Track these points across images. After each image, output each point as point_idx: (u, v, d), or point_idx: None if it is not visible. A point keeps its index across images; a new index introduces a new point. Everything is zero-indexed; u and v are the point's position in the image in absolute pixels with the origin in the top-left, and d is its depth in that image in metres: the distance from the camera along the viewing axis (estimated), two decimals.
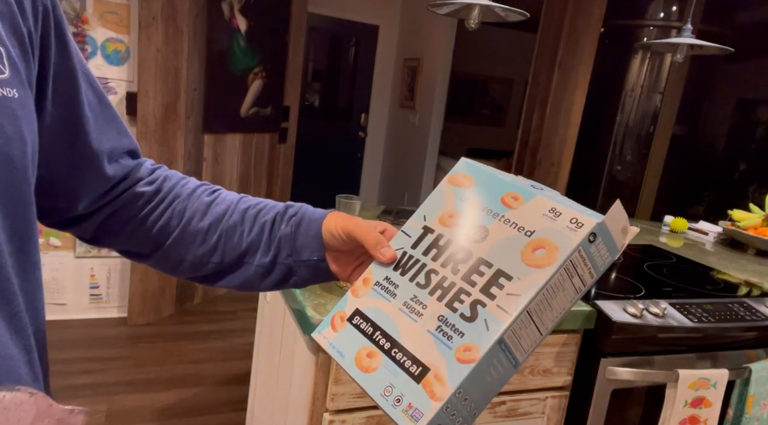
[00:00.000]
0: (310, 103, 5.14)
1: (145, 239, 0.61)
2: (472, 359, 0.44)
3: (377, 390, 0.48)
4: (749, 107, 3.23)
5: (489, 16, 1.57)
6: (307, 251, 0.59)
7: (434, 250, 0.52)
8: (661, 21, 3.45)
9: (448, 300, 0.48)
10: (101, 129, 0.57)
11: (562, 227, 0.48)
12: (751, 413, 1.28)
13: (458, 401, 0.44)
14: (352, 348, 0.51)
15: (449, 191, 0.56)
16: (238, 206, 0.62)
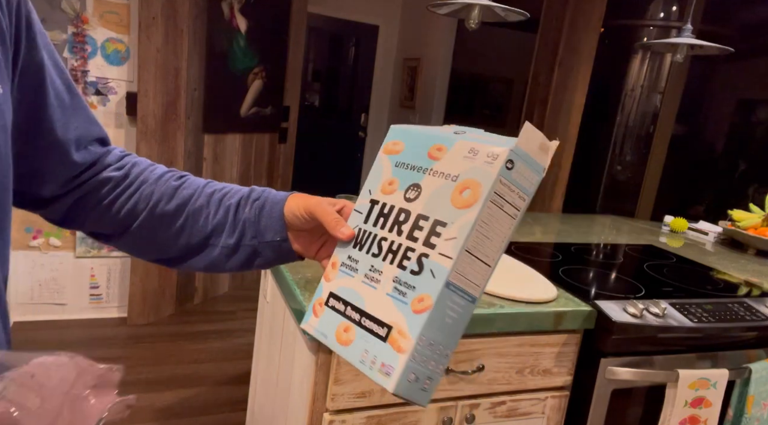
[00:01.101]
0: (310, 103, 5.14)
1: (113, 222, 0.63)
2: (426, 307, 0.48)
3: (356, 358, 0.52)
4: (749, 106, 3.23)
5: (489, 16, 1.57)
6: (270, 232, 0.62)
7: (381, 219, 0.55)
8: (661, 21, 3.45)
9: (398, 261, 0.52)
10: (68, 118, 0.58)
11: (481, 164, 0.50)
12: (751, 413, 1.28)
13: (423, 348, 0.49)
14: (332, 328, 0.55)
15: (385, 161, 0.58)
16: (205, 190, 0.64)
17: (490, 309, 1.10)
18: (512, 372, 1.16)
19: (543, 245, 1.69)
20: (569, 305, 1.18)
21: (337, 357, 1.00)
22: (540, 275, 1.31)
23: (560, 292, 1.25)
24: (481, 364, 1.13)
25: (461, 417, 1.14)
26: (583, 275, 1.43)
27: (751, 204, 2.01)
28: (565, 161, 3.24)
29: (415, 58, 4.72)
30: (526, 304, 1.15)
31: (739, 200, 3.03)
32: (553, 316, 1.15)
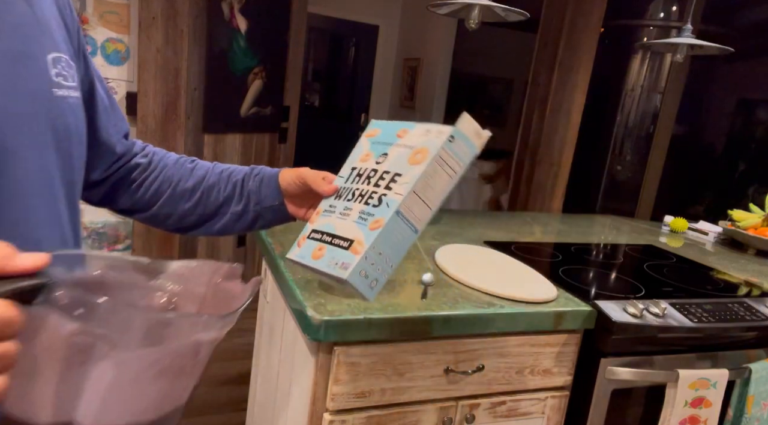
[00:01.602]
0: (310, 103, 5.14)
1: (142, 200, 0.79)
2: (379, 226, 0.66)
3: (324, 264, 0.68)
4: (749, 106, 3.23)
5: (489, 16, 1.57)
6: (269, 198, 0.79)
7: (357, 177, 0.74)
8: (661, 21, 3.45)
9: (365, 200, 0.70)
10: (111, 120, 0.74)
11: (431, 137, 0.69)
12: (751, 413, 1.28)
13: (374, 254, 0.66)
14: (310, 250, 0.71)
15: (364, 142, 0.78)
16: (214, 170, 0.82)
17: (490, 309, 1.10)
18: (512, 372, 1.16)
19: (543, 245, 1.69)
20: (569, 305, 1.18)
21: (337, 356, 1.00)
22: (540, 275, 1.31)
23: (560, 292, 1.25)
24: (481, 364, 1.13)
25: (461, 417, 1.14)
26: (583, 275, 1.43)
27: (751, 204, 2.01)
28: (565, 161, 3.24)
29: (415, 58, 4.72)
30: (526, 304, 1.15)
31: (739, 200, 3.03)
32: (553, 316, 1.15)
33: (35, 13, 0.56)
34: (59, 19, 0.61)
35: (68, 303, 0.36)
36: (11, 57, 0.53)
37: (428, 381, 1.09)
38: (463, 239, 1.59)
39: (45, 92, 0.55)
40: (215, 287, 0.48)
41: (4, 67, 0.52)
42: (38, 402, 0.38)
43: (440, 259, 1.34)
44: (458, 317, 1.07)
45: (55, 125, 0.56)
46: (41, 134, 0.55)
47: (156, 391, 0.40)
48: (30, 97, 0.54)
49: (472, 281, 1.21)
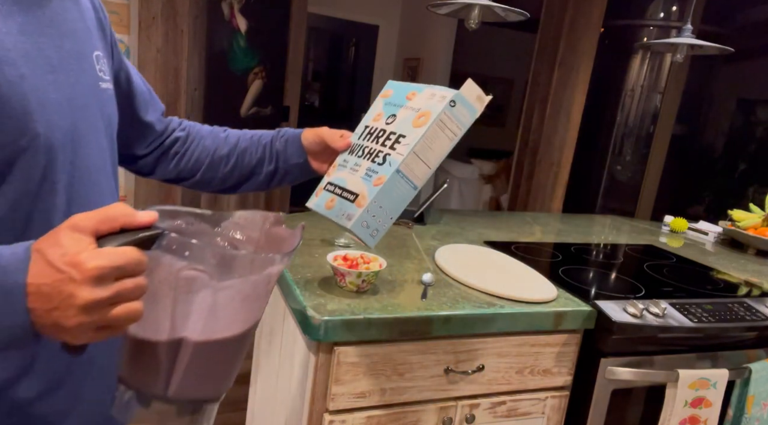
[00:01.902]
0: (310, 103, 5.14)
1: (186, 169, 0.92)
2: (381, 182, 0.74)
3: (333, 214, 0.78)
4: (749, 106, 3.23)
5: (489, 16, 1.57)
6: (295, 156, 0.91)
7: (368, 135, 0.83)
8: (661, 21, 3.45)
9: (372, 158, 0.79)
10: (147, 102, 0.87)
11: (434, 101, 0.76)
12: (751, 413, 1.28)
13: (375, 207, 0.75)
14: (324, 201, 0.82)
15: (379, 102, 0.87)
16: (245, 136, 0.94)
17: (490, 309, 1.10)
18: (512, 372, 1.16)
19: (543, 245, 1.69)
20: (569, 305, 1.18)
21: (337, 356, 1.00)
22: (540, 275, 1.31)
23: (560, 292, 1.25)
24: (481, 364, 1.13)
25: (461, 417, 1.14)
26: (583, 275, 1.43)
27: (751, 204, 2.01)
28: (565, 161, 3.24)
29: (415, 58, 4.72)
30: (526, 304, 1.15)
31: (739, 200, 3.03)
32: (553, 316, 1.15)
33: (83, 17, 0.66)
34: (95, 20, 0.70)
35: (176, 248, 0.47)
36: (74, 56, 0.62)
37: (428, 381, 1.09)
38: (463, 239, 1.59)
39: (95, 86, 0.66)
40: (267, 232, 0.58)
41: (72, 64, 0.62)
42: (159, 323, 0.49)
43: (440, 259, 1.34)
44: (458, 317, 1.07)
45: (103, 113, 0.67)
46: (97, 121, 0.66)
47: (242, 311, 0.52)
48: (87, 90, 0.64)
49: (472, 281, 1.21)
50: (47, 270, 0.44)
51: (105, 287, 0.44)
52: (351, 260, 1.11)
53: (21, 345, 0.46)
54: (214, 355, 0.52)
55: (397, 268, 1.27)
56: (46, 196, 0.57)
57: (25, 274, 0.44)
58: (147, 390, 0.51)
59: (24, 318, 0.44)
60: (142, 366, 0.51)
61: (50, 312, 0.44)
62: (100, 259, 0.44)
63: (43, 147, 0.55)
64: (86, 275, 0.43)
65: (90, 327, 0.45)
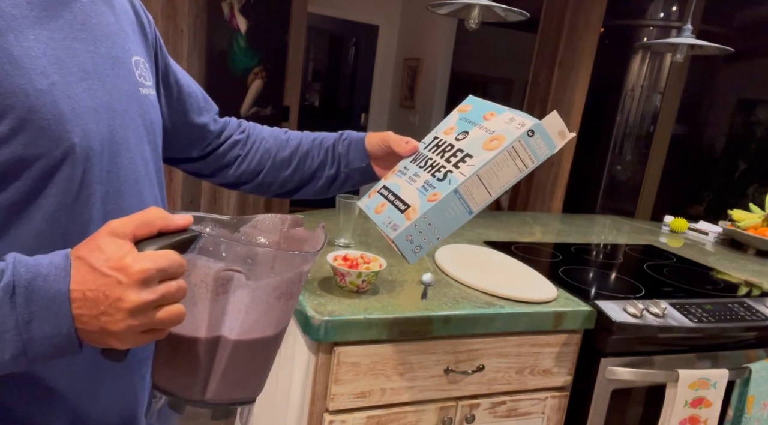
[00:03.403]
0: (310, 103, 5.14)
1: (247, 172, 0.89)
2: (435, 199, 0.72)
3: (381, 220, 0.76)
4: (749, 106, 3.23)
5: (489, 16, 1.57)
6: (357, 160, 0.88)
7: (435, 147, 0.80)
8: (661, 21, 3.45)
9: (433, 171, 0.76)
10: (199, 103, 0.84)
11: (512, 127, 0.72)
12: (751, 413, 1.28)
13: (424, 223, 0.72)
14: (374, 204, 0.80)
15: (454, 115, 0.84)
16: (307, 138, 0.91)
17: (490, 309, 1.10)
18: (512, 372, 1.16)
19: (543, 245, 1.69)
20: (569, 305, 1.18)
21: (337, 356, 1.00)
22: (540, 275, 1.31)
23: (560, 292, 1.25)
24: (481, 364, 1.13)
25: (461, 417, 1.14)
26: (583, 275, 1.43)
27: (751, 204, 2.01)
28: (565, 161, 3.24)
29: (415, 58, 4.72)
30: (526, 304, 1.15)
31: (739, 200, 3.03)
32: (553, 316, 1.15)
33: (119, 21, 0.64)
34: (135, 24, 0.69)
35: (212, 249, 0.49)
36: (110, 61, 0.60)
37: (428, 381, 1.09)
38: (463, 239, 1.59)
39: (134, 92, 0.64)
40: (285, 234, 0.59)
41: (107, 70, 0.59)
42: (198, 322, 0.50)
43: (440, 259, 1.34)
44: (458, 317, 1.07)
45: (144, 119, 0.65)
46: (137, 128, 0.64)
47: (277, 310, 0.52)
48: (126, 96, 0.62)
49: (472, 281, 1.21)
50: (92, 276, 0.44)
51: (151, 290, 0.44)
52: (351, 260, 1.11)
53: (65, 353, 0.46)
54: (251, 355, 0.53)
55: (397, 268, 1.27)
56: (83, 208, 0.56)
57: (67, 281, 0.44)
58: (184, 395, 0.51)
59: (69, 326, 0.44)
60: (180, 370, 0.51)
61: (97, 317, 0.44)
62: (145, 262, 0.44)
63: (79, 158, 0.54)
64: (133, 279, 0.43)
65: (137, 330, 0.45)
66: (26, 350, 0.44)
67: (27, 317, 0.43)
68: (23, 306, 0.43)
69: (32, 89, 0.50)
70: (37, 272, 0.44)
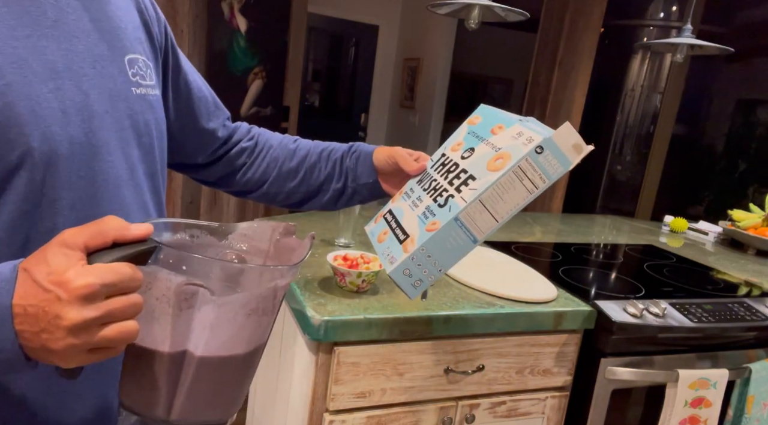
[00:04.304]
0: (310, 103, 5.14)
1: (252, 180, 0.86)
2: (434, 229, 0.65)
3: (381, 250, 0.72)
4: (749, 106, 3.23)
5: (489, 16, 1.58)
6: (365, 176, 0.84)
7: (441, 167, 0.74)
8: (661, 21, 3.45)
9: (435, 196, 0.70)
10: (208, 107, 0.81)
11: (518, 143, 0.63)
12: (752, 413, 1.28)
13: (422, 256, 0.66)
14: (378, 231, 0.77)
15: (464, 129, 0.79)
16: (315, 149, 0.87)
17: (490, 309, 1.10)
18: (512, 372, 1.16)
19: (543, 245, 1.69)
20: (569, 305, 1.18)
21: (337, 356, 1.00)
22: (540, 275, 1.31)
23: (560, 292, 1.25)
24: (481, 364, 1.13)
25: (461, 417, 1.14)
26: (583, 275, 1.43)
27: (751, 204, 2.01)
28: None
29: (415, 58, 4.72)
30: (526, 304, 1.15)
31: (739, 200, 3.03)
32: (553, 316, 1.15)
33: (110, 18, 0.61)
34: (138, 22, 0.66)
35: (173, 262, 0.45)
36: (90, 59, 0.57)
37: (428, 381, 1.09)
38: None
39: (123, 91, 0.60)
40: (276, 243, 0.56)
41: (85, 68, 0.56)
42: (159, 337, 0.47)
43: None
44: (458, 317, 1.07)
45: (134, 120, 0.62)
46: (123, 130, 0.60)
47: (248, 328, 0.49)
48: (109, 96, 0.58)
49: (472, 281, 1.21)
50: (33, 290, 0.41)
51: (94, 307, 0.41)
52: (351, 260, 1.11)
53: (17, 369, 0.44)
54: (219, 374, 0.50)
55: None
56: (46, 215, 0.52)
57: (10, 295, 0.41)
58: (149, 414, 0.49)
59: (13, 341, 0.42)
60: (145, 387, 0.48)
61: (38, 334, 0.41)
62: (88, 276, 0.41)
63: (39, 162, 0.51)
64: (73, 295, 0.40)
65: (81, 349, 0.42)
66: None
67: None
68: None
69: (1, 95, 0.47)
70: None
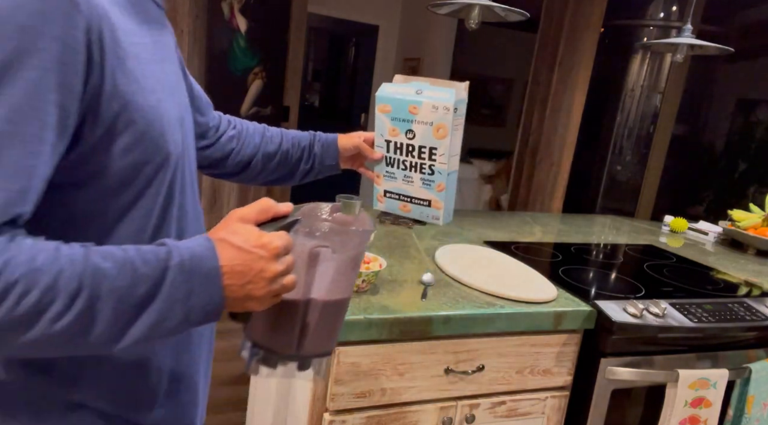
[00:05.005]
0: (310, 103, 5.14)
1: (239, 165, 0.99)
2: (443, 188, 0.98)
3: (417, 215, 1.02)
4: (749, 107, 3.23)
5: (489, 16, 1.57)
6: (329, 159, 1.03)
7: (398, 150, 0.99)
8: (661, 21, 3.45)
9: (420, 170, 0.98)
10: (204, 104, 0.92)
11: (442, 114, 0.91)
12: (751, 413, 1.28)
13: (448, 202, 1.00)
14: (395, 206, 1.04)
15: (383, 117, 0.99)
16: (286, 136, 1.04)
17: (490, 309, 1.10)
18: (512, 372, 1.16)
19: (543, 245, 1.69)
20: (569, 305, 1.18)
21: (337, 356, 1.00)
22: (540, 275, 1.31)
23: (560, 292, 1.25)
24: (481, 364, 1.13)
25: (461, 417, 1.14)
26: (583, 275, 1.43)
27: (751, 204, 2.01)
28: (565, 161, 3.24)
29: (415, 58, 4.72)
30: (526, 304, 1.15)
31: (739, 200, 3.03)
32: (553, 316, 1.15)
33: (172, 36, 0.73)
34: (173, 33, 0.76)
35: (309, 229, 0.61)
36: (177, 78, 0.69)
37: (428, 381, 1.09)
38: (463, 239, 1.59)
39: (186, 101, 0.72)
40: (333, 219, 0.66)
41: (180, 86, 0.69)
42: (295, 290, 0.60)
43: (440, 259, 1.34)
44: (458, 317, 1.07)
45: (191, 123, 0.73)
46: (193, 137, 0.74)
47: (351, 277, 0.65)
48: (186, 108, 0.71)
49: (472, 281, 1.21)
50: (237, 253, 0.54)
51: (281, 262, 0.56)
52: None
53: (212, 319, 0.55)
54: (333, 314, 0.64)
55: (397, 268, 1.27)
56: (168, 206, 0.64)
57: (217, 259, 0.54)
58: (282, 351, 0.63)
59: (221, 295, 0.54)
60: (279, 330, 0.63)
61: (244, 286, 0.55)
62: (277, 241, 0.56)
63: (171, 163, 0.63)
64: (271, 253, 0.55)
65: (272, 295, 0.57)
66: (188, 317, 0.53)
67: (188, 290, 0.53)
68: (186, 282, 0.52)
69: (147, 106, 0.57)
70: (193, 253, 0.53)
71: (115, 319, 0.50)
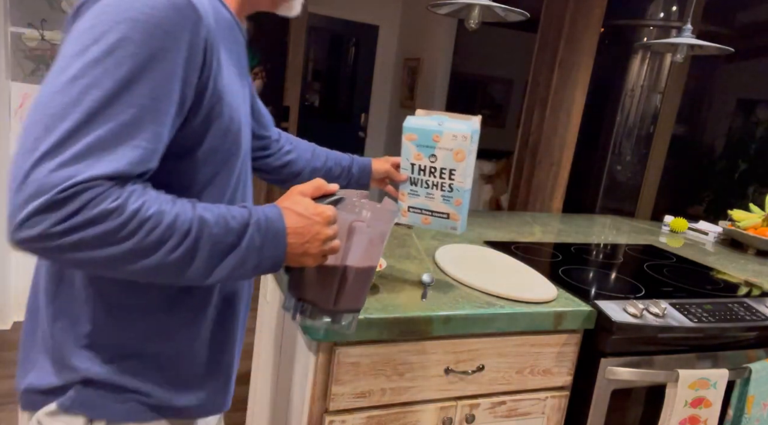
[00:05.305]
0: (310, 103, 5.14)
1: (290, 174, 1.16)
2: (460, 203, 1.09)
3: (436, 227, 1.12)
4: (749, 106, 3.23)
5: (489, 16, 1.57)
6: (363, 179, 1.21)
7: (421, 171, 1.10)
8: (661, 21, 3.45)
9: (440, 188, 1.09)
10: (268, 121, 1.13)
11: (461, 141, 1.04)
12: (752, 413, 1.28)
13: (464, 215, 1.10)
14: (417, 220, 1.14)
15: (410, 144, 1.10)
16: (330, 155, 1.21)
17: (490, 309, 1.10)
18: (512, 372, 1.16)
19: (543, 245, 1.69)
20: (569, 305, 1.18)
21: (337, 356, 1.00)
22: (540, 275, 1.31)
23: (560, 292, 1.25)
24: (481, 364, 1.13)
25: (461, 417, 1.14)
26: (583, 275, 1.43)
27: (751, 204, 2.01)
28: (565, 161, 3.24)
29: (415, 58, 4.72)
30: (526, 304, 1.15)
31: (739, 200, 3.03)
32: (553, 316, 1.15)
33: None
34: None
35: (349, 207, 0.76)
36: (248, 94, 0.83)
37: (428, 381, 1.09)
38: (463, 239, 1.59)
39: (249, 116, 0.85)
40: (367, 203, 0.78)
41: (247, 94, 0.82)
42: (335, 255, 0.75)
43: (440, 259, 1.34)
44: (458, 317, 1.07)
45: None
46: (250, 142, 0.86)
47: (380, 248, 0.77)
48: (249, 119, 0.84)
49: (472, 281, 1.21)
50: (299, 218, 0.70)
51: (332, 228, 0.72)
52: None
53: (275, 270, 0.70)
54: (363, 279, 0.77)
55: (397, 268, 1.27)
56: (236, 188, 0.79)
57: (284, 222, 0.69)
58: (323, 305, 0.76)
59: (284, 250, 0.69)
60: (322, 288, 0.76)
61: (302, 245, 0.70)
62: (329, 211, 0.72)
63: (242, 155, 0.78)
64: (325, 220, 0.71)
65: (322, 254, 0.72)
66: (260, 264, 0.68)
67: (262, 243, 0.67)
68: (261, 237, 0.67)
69: (233, 105, 0.72)
70: (267, 216, 0.68)
71: (209, 258, 0.64)
